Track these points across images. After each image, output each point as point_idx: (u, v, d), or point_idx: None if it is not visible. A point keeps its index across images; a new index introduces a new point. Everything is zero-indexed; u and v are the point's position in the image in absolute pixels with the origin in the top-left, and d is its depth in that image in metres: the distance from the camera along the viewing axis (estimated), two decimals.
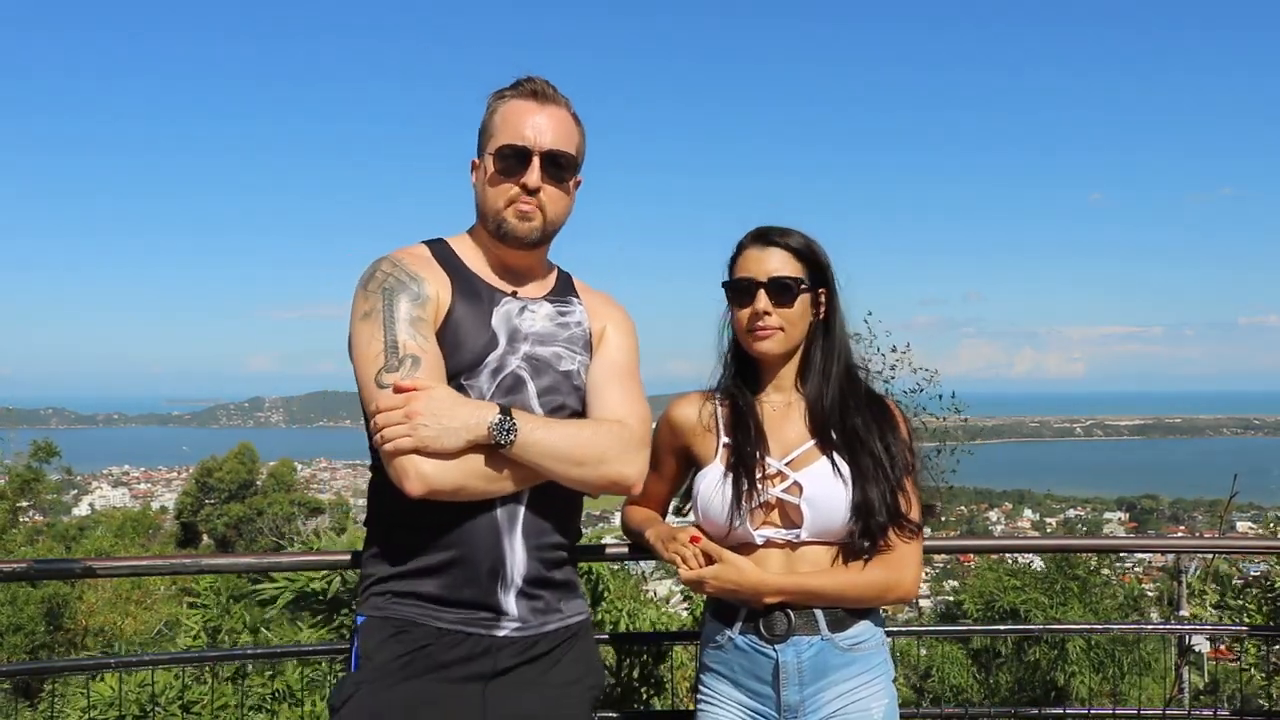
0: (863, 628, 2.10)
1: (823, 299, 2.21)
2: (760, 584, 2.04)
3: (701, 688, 2.19)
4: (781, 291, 2.14)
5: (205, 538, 43.65)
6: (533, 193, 2.00)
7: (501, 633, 1.94)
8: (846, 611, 2.09)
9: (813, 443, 2.14)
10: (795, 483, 2.09)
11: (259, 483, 46.39)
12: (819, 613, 2.06)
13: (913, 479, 2.15)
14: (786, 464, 2.12)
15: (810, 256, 2.18)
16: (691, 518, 2.26)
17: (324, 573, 4.97)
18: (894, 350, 11.94)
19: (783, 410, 2.20)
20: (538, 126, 2.01)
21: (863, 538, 2.06)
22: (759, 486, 2.08)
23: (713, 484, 2.12)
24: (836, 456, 2.10)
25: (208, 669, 5.34)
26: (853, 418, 2.14)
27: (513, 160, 2.00)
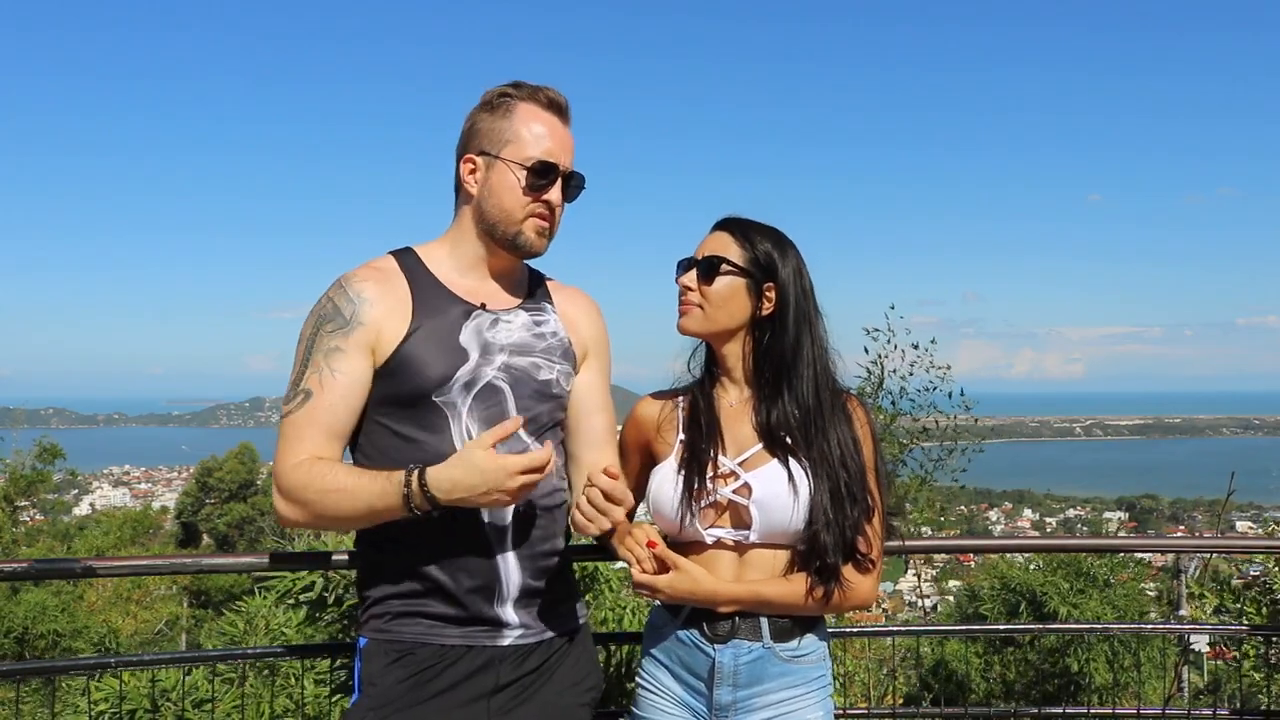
0: (807, 641, 2.09)
1: (770, 294, 2.15)
2: (715, 594, 2.03)
3: (641, 673, 2.18)
4: (707, 269, 2.13)
5: (205, 538, 43.69)
6: (554, 210, 2.04)
7: (505, 642, 1.95)
8: (794, 622, 2.07)
9: (761, 445, 2.11)
10: (745, 483, 2.06)
11: (259, 483, 46.44)
12: (764, 620, 2.05)
13: (868, 483, 2.11)
14: (739, 463, 2.09)
15: (756, 247, 2.15)
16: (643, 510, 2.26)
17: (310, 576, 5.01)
18: (915, 348, 11.82)
19: (740, 408, 2.18)
20: (564, 144, 2.04)
21: (817, 578, 2.03)
22: (710, 485, 2.06)
23: (664, 481, 2.11)
24: (788, 458, 2.06)
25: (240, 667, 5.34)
26: (808, 419, 2.10)
27: (544, 176, 2.00)
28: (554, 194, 2.02)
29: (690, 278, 2.15)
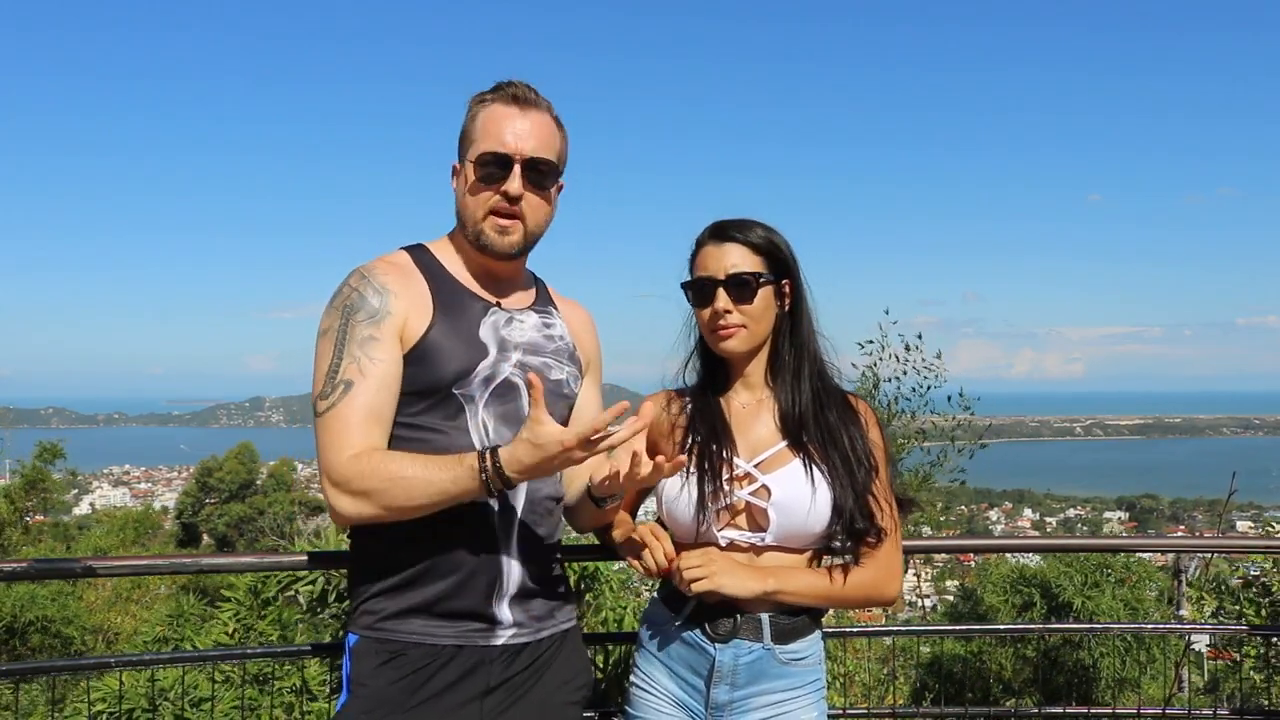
0: (806, 643, 2.08)
1: (787, 291, 2.14)
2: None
3: (636, 671, 2.16)
4: (741, 288, 2.08)
5: (205, 538, 43.66)
6: (514, 201, 1.97)
7: (498, 641, 1.94)
8: (794, 624, 2.06)
9: (784, 444, 2.09)
10: (763, 485, 2.05)
11: (259, 482, 46.43)
12: (765, 621, 2.04)
13: (882, 480, 2.11)
14: (755, 465, 2.08)
15: (769, 249, 2.12)
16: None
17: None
18: (908, 349, 11.79)
19: (753, 409, 2.15)
20: (519, 132, 1.97)
21: (846, 537, 2.05)
22: (725, 488, 2.04)
23: (677, 485, 2.08)
24: (808, 460, 2.05)
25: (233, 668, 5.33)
26: (825, 418, 2.10)
27: (493, 168, 1.96)
28: (511, 184, 1.95)
29: (724, 300, 2.08)
